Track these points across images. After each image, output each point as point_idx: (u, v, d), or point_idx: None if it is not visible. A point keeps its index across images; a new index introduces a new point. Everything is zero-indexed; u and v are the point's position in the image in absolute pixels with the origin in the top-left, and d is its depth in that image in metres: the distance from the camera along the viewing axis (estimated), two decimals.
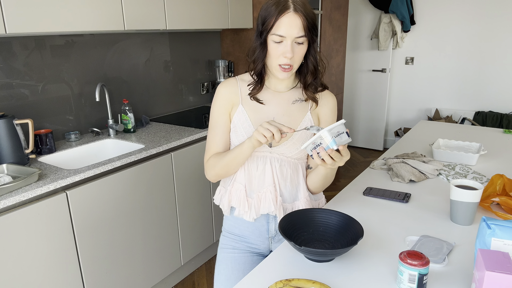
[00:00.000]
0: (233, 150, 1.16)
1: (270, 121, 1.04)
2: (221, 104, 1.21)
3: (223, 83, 1.23)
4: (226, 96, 1.20)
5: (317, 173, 1.21)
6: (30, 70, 2.02)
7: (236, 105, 1.20)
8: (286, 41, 1.07)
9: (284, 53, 1.08)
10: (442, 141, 1.95)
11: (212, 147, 1.24)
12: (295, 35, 1.06)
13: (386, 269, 1.00)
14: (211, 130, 1.24)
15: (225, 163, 1.18)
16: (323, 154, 1.00)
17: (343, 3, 3.83)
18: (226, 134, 1.23)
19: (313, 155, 1.03)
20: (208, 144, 1.25)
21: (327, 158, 1.01)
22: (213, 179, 1.26)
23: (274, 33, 1.07)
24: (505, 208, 1.27)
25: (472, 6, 3.99)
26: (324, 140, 0.99)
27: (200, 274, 2.48)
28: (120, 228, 1.91)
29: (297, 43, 1.09)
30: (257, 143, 1.07)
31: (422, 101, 4.52)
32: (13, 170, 1.66)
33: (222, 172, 1.21)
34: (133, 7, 2.06)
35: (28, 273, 1.56)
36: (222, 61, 3.04)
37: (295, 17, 1.05)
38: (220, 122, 1.22)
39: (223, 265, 1.31)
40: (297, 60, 1.11)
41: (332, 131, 0.99)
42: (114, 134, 2.29)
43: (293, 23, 1.05)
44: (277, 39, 1.08)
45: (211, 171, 1.23)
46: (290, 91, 1.22)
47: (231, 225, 1.31)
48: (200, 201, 2.39)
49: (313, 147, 1.02)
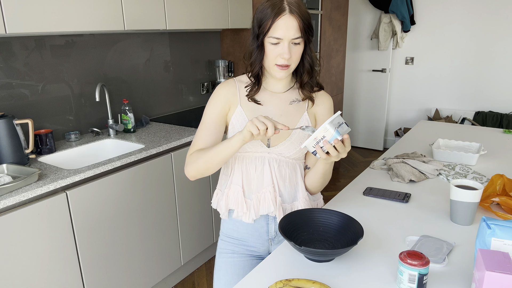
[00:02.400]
0: (220, 144, 1.12)
1: (266, 116, 1.03)
2: (218, 103, 1.20)
3: (222, 84, 1.23)
4: (225, 97, 1.20)
5: (316, 172, 1.21)
6: (30, 70, 2.02)
7: (235, 106, 1.20)
8: (283, 42, 1.08)
9: (281, 54, 1.09)
10: (442, 141, 1.95)
11: (199, 143, 1.20)
12: (291, 36, 1.08)
13: (386, 269, 1.00)
14: (201, 127, 1.22)
15: (209, 157, 1.14)
16: (328, 147, 1.01)
17: (343, 3, 3.83)
18: (216, 133, 1.21)
19: (316, 150, 1.02)
20: (194, 140, 1.22)
21: (332, 150, 1.01)
22: (191, 174, 1.20)
23: (271, 36, 1.08)
24: (505, 208, 1.27)
25: (472, 6, 3.99)
26: (327, 132, 1.00)
27: (200, 274, 2.48)
28: (120, 228, 1.91)
29: (293, 44, 1.10)
30: (248, 136, 1.03)
31: (422, 101, 4.52)
32: (13, 170, 1.66)
33: (203, 167, 1.16)
34: (133, 7, 2.06)
35: (28, 273, 1.56)
36: (222, 61, 3.04)
37: (291, 19, 1.06)
38: (212, 120, 1.20)
39: (222, 270, 1.30)
40: (294, 60, 1.12)
41: (333, 122, 0.99)
42: (114, 134, 2.29)
43: (290, 25, 1.07)
44: (274, 41, 1.09)
45: (191, 166, 1.18)
46: (288, 92, 1.23)
47: (229, 228, 1.30)
48: (200, 201, 2.39)
49: (315, 142, 1.02)
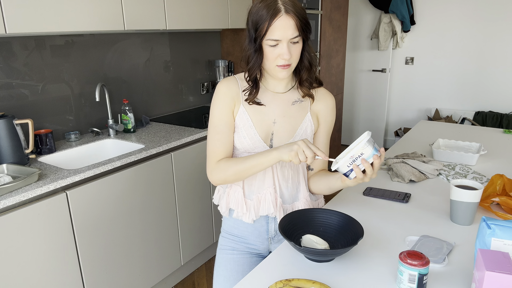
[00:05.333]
0: (254, 158, 1.10)
1: (306, 141, 1.02)
2: (224, 102, 1.17)
3: (224, 82, 1.20)
4: (229, 94, 1.17)
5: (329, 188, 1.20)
6: (30, 70, 2.02)
7: (238, 104, 1.18)
8: (282, 43, 1.07)
9: (281, 55, 1.08)
10: (442, 141, 1.95)
11: (219, 150, 1.18)
12: (290, 36, 1.06)
13: (386, 269, 1.00)
14: (213, 132, 1.18)
15: (241, 169, 1.12)
16: (366, 165, 0.99)
17: (343, 3, 3.83)
18: (230, 135, 1.18)
19: (353, 168, 1.00)
20: (212, 147, 1.19)
21: (369, 169, 1.00)
22: (217, 182, 1.19)
23: (269, 38, 1.07)
24: (505, 208, 1.27)
25: (472, 6, 3.99)
26: (366, 149, 0.99)
27: (200, 274, 2.48)
28: (120, 228, 1.91)
29: (292, 43, 1.08)
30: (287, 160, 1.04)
31: (422, 101, 4.52)
32: (13, 170, 1.66)
33: (233, 178, 1.15)
34: (133, 7, 2.06)
35: (28, 273, 1.56)
36: (222, 61, 3.04)
37: (288, 19, 1.05)
38: (223, 122, 1.17)
39: (222, 267, 1.30)
40: (294, 58, 1.11)
41: (370, 140, 0.99)
42: (114, 134, 2.29)
43: (287, 25, 1.05)
44: (272, 43, 1.07)
45: (219, 174, 1.17)
46: (289, 91, 1.22)
47: (230, 225, 1.30)
48: (200, 201, 2.39)
49: (351, 161, 1.00)
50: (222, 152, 1.18)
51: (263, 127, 1.18)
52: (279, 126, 1.19)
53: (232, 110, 1.18)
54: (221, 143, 1.18)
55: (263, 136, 1.18)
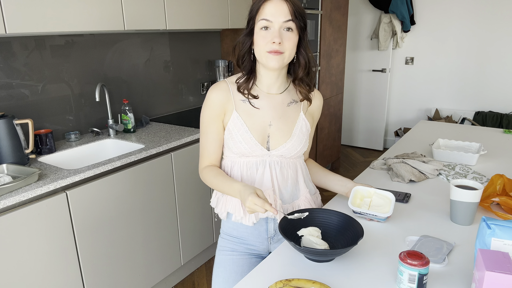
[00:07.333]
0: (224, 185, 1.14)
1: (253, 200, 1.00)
2: (213, 110, 1.18)
3: (214, 88, 1.19)
4: (218, 103, 1.17)
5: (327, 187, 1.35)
6: (30, 70, 2.02)
7: (230, 111, 1.17)
8: (273, 26, 1.07)
9: (272, 38, 1.07)
10: (442, 141, 1.95)
11: (205, 154, 1.24)
12: (282, 19, 1.06)
13: (386, 269, 1.00)
14: (203, 136, 1.23)
15: (215, 187, 1.20)
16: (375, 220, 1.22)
17: (343, 3, 3.83)
18: (217, 141, 1.22)
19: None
20: (201, 150, 1.25)
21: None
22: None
23: (260, 18, 1.08)
24: (505, 208, 1.27)
25: (472, 6, 3.99)
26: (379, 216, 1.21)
27: (200, 274, 2.48)
28: (120, 228, 1.91)
29: (285, 30, 1.08)
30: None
31: (422, 101, 4.52)
32: (13, 170, 1.66)
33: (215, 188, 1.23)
34: (133, 7, 2.06)
35: (28, 273, 1.56)
36: (222, 61, 3.04)
37: (281, 3, 1.07)
38: (210, 129, 1.20)
39: (221, 268, 1.29)
40: (287, 47, 1.10)
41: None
42: (114, 134, 2.29)
43: (279, 8, 1.07)
44: (264, 23, 1.07)
45: (204, 179, 1.25)
46: (284, 93, 1.21)
47: (229, 227, 1.29)
48: (200, 201, 2.39)
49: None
50: (209, 155, 1.24)
51: (258, 131, 1.17)
52: (275, 128, 1.19)
53: (221, 118, 1.20)
54: (207, 150, 1.24)
55: (260, 140, 1.18)
